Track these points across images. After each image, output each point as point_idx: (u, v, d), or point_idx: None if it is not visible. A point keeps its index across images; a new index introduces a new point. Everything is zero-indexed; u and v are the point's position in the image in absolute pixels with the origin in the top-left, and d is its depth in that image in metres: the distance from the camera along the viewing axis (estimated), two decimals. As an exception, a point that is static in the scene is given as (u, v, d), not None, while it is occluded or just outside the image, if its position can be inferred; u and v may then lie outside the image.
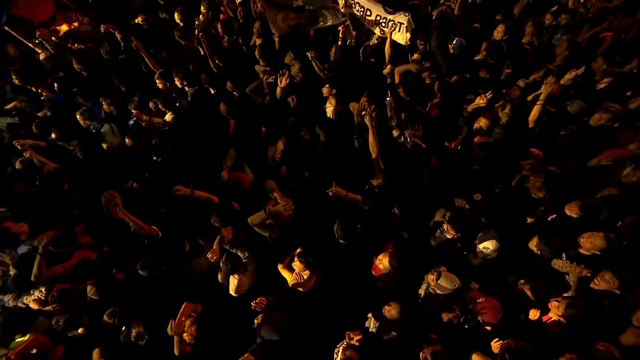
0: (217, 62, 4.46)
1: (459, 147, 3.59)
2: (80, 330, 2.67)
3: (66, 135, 3.86)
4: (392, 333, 2.54)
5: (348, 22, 4.66)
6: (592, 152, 3.41)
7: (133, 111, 4.00)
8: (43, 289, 2.88)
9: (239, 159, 3.67)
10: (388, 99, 3.60)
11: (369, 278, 3.00)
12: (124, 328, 2.69)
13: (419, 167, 3.35)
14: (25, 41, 4.97)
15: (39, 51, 4.95)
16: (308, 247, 2.85)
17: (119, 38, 4.62)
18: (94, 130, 4.03)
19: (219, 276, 2.98)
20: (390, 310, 2.56)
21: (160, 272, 2.85)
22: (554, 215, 3.02)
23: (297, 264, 2.82)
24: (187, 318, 2.62)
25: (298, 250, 2.83)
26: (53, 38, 4.91)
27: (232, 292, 2.89)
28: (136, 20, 5.17)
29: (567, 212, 2.83)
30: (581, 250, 2.70)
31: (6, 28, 4.81)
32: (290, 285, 2.84)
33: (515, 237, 2.92)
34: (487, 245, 2.74)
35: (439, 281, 2.57)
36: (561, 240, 2.70)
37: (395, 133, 3.53)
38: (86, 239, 3.24)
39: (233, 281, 2.89)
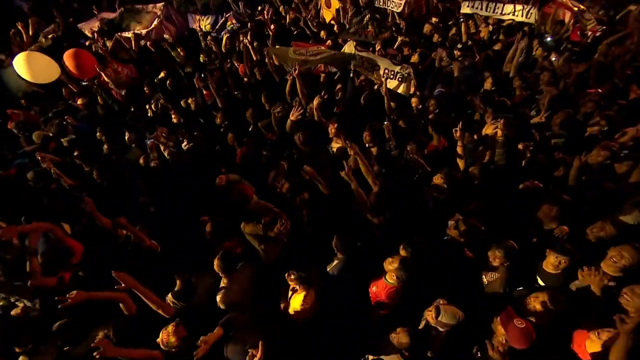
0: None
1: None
2: None
3: (87, 157, 4.14)
4: None
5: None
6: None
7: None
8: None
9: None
10: (385, 122, 3.85)
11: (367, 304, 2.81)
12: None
13: (419, 184, 3.37)
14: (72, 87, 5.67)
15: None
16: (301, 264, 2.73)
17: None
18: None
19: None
20: (399, 338, 2.32)
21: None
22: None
23: (290, 280, 2.67)
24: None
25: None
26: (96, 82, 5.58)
27: (219, 301, 2.65)
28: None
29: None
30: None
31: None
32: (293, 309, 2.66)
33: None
34: None
35: (439, 319, 2.32)
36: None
37: (395, 154, 3.67)
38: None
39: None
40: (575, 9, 6.59)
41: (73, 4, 9.76)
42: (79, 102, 5.49)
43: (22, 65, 4.59)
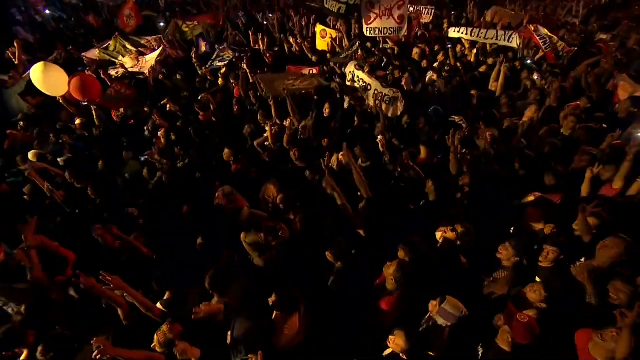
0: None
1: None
2: None
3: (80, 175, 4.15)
4: None
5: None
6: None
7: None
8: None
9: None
10: (379, 137, 3.94)
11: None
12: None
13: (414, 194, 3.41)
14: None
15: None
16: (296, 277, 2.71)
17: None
18: None
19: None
20: (396, 341, 2.24)
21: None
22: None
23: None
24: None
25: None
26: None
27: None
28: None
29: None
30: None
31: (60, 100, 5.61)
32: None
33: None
34: None
35: (442, 305, 2.29)
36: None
37: (389, 167, 3.73)
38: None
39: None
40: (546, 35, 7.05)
41: (78, 38, 10.24)
42: (77, 121, 5.58)
43: (39, 73, 4.88)
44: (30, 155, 4.56)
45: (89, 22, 11.43)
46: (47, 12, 12.18)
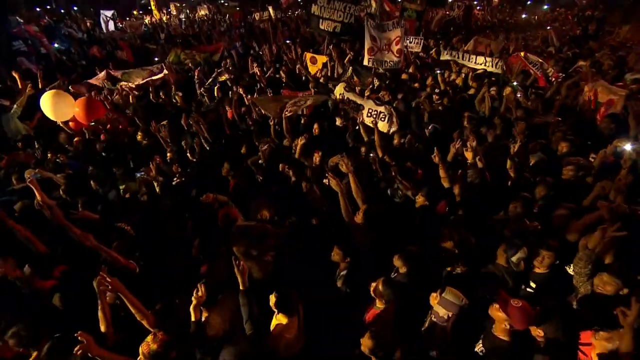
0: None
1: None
2: None
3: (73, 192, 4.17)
4: None
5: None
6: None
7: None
8: None
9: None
10: (372, 155, 4.03)
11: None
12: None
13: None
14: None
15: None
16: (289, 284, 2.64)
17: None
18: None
19: None
20: (364, 341, 2.18)
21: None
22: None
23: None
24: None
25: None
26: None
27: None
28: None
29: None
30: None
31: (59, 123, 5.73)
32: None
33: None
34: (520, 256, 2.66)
35: (443, 295, 2.30)
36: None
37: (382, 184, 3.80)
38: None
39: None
40: (537, 61, 7.52)
41: (78, 69, 10.62)
42: (75, 140, 5.67)
43: (49, 101, 5.12)
44: (27, 174, 4.57)
45: (92, 54, 11.91)
46: (55, 45, 12.71)
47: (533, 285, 2.63)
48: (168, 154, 4.98)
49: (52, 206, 3.22)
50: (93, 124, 5.91)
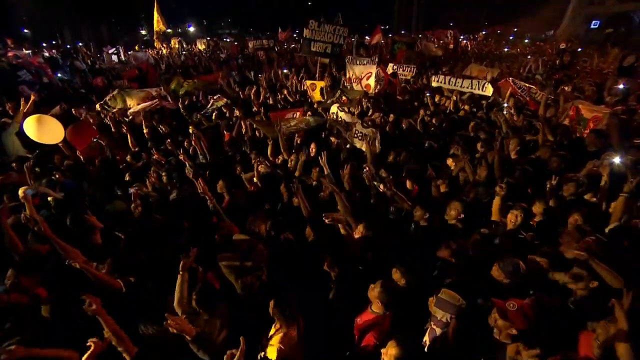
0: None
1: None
2: None
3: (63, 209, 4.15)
4: None
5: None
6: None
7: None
8: None
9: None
10: (365, 170, 4.11)
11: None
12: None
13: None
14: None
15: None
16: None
17: None
18: None
19: None
20: (389, 351, 2.09)
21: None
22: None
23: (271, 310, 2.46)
24: None
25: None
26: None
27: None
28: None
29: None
30: None
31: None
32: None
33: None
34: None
35: (439, 295, 2.25)
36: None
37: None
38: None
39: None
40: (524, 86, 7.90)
41: (78, 95, 10.86)
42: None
43: (32, 125, 5.10)
44: (21, 191, 4.54)
45: (95, 84, 12.26)
46: (59, 75, 13.09)
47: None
48: (163, 174, 5.01)
49: (40, 222, 3.18)
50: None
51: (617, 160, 4.05)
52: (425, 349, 2.31)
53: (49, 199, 4.53)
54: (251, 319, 2.64)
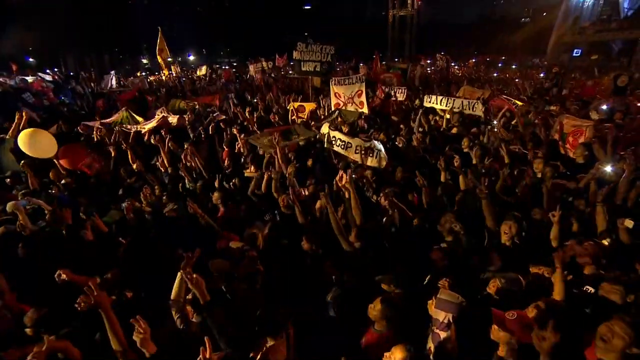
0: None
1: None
2: None
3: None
4: None
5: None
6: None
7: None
8: None
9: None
10: (365, 173, 4.17)
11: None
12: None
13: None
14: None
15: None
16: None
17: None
18: None
19: None
20: (394, 355, 2.02)
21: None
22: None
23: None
24: None
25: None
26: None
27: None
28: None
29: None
30: None
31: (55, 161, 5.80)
32: None
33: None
34: None
35: (439, 296, 2.19)
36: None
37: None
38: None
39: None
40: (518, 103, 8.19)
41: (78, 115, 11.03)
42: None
43: (26, 139, 5.14)
44: (9, 207, 4.49)
45: (97, 107, 12.46)
46: (62, 98, 13.34)
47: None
48: (156, 188, 5.02)
49: (34, 231, 3.16)
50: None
51: (609, 169, 4.16)
52: (431, 357, 2.22)
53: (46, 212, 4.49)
54: (243, 326, 2.54)
